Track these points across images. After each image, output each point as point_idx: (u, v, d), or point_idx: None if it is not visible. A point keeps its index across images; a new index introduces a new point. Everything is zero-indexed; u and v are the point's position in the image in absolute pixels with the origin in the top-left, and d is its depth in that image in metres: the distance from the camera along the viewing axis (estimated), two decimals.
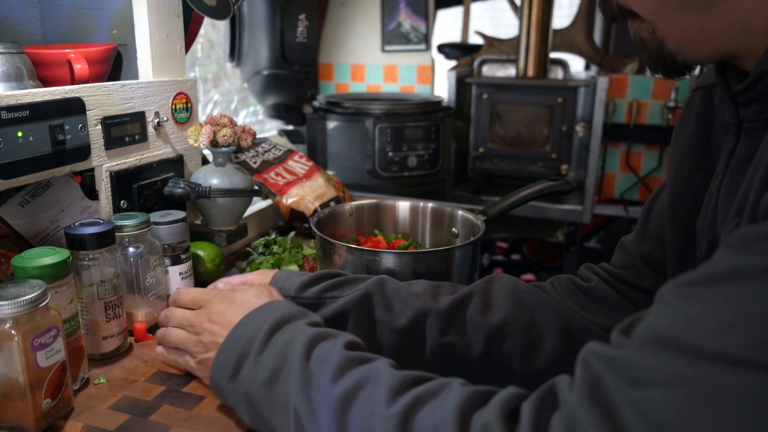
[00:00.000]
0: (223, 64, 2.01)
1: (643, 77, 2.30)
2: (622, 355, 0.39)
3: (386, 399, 0.50)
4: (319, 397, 0.54)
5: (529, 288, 0.77)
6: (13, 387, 0.60)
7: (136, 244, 0.82)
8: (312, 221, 0.97)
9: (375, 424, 0.49)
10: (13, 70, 0.80)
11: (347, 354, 0.57)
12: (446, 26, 3.17)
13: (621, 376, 0.38)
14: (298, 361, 0.57)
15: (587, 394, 0.39)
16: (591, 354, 0.41)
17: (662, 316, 0.40)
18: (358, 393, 0.52)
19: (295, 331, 0.61)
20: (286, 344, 0.59)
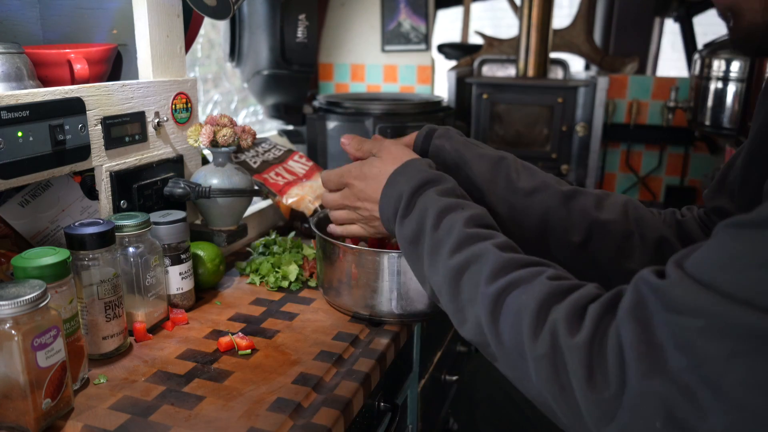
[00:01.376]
0: (223, 64, 2.00)
1: (643, 77, 2.30)
2: (665, 284, 0.45)
3: (487, 278, 0.58)
4: (439, 266, 0.65)
5: (640, 205, 0.83)
6: (13, 387, 0.60)
7: (136, 244, 0.82)
8: (312, 221, 0.97)
9: (477, 295, 0.59)
10: (13, 70, 0.80)
11: (466, 231, 0.65)
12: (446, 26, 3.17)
13: (661, 301, 0.44)
14: (430, 229, 0.67)
15: (632, 312, 0.46)
16: (641, 279, 0.47)
17: (710, 251, 0.44)
18: (469, 267, 0.61)
19: (430, 196, 0.70)
20: (423, 210, 0.70)
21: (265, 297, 1.00)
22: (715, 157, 2.24)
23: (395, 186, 0.75)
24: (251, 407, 0.69)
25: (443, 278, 0.64)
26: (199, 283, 0.99)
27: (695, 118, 1.97)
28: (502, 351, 0.56)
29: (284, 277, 1.03)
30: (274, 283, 1.03)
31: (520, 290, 0.56)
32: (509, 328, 0.55)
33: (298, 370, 0.77)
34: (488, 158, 0.84)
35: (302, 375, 0.76)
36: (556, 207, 0.80)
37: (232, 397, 0.70)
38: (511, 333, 0.54)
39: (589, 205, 0.80)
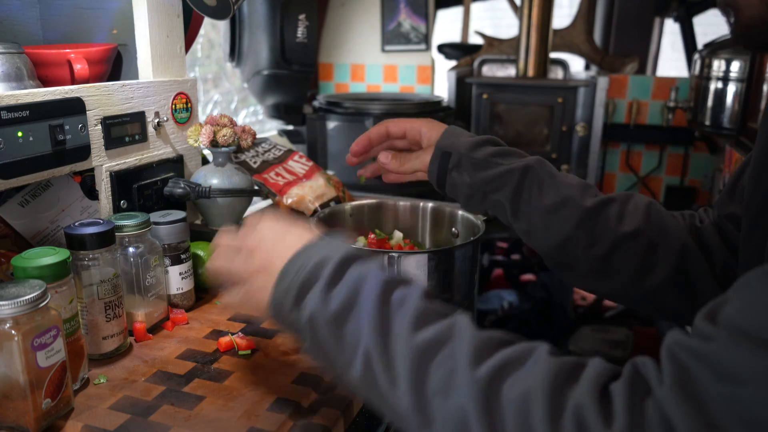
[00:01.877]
0: (223, 64, 2.00)
1: (643, 77, 2.30)
2: (711, 350, 0.38)
3: (470, 360, 0.48)
4: (398, 343, 0.51)
5: (662, 210, 0.79)
6: (13, 387, 0.60)
7: (136, 244, 0.82)
8: (312, 221, 0.97)
9: (456, 383, 0.47)
10: (13, 70, 0.80)
11: (428, 304, 0.54)
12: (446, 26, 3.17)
13: (711, 370, 0.38)
14: (373, 300, 0.53)
15: (677, 387, 0.39)
16: (677, 345, 0.40)
17: (751, 305, 0.39)
18: (440, 348, 0.50)
19: (368, 269, 0.57)
20: (360, 280, 0.56)
21: None
22: (715, 157, 2.24)
23: (318, 248, 0.60)
24: (251, 407, 0.69)
25: (403, 362, 0.50)
26: (199, 283, 0.99)
27: (695, 118, 1.97)
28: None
29: None
30: None
31: (518, 373, 0.46)
32: (513, 422, 0.44)
33: (298, 370, 0.77)
34: (511, 175, 0.78)
35: (302, 375, 0.76)
36: (577, 224, 0.76)
37: (232, 397, 0.70)
38: (517, 428, 0.44)
39: (612, 218, 0.77)
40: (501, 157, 0.79)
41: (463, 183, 0.80)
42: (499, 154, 0.79)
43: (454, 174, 0.81)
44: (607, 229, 0.76)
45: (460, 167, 0.80)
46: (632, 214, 0.77)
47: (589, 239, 0.76)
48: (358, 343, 0.53)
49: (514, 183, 0.77)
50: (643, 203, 0.79)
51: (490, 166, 0.78)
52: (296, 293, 0.57)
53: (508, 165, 0.78)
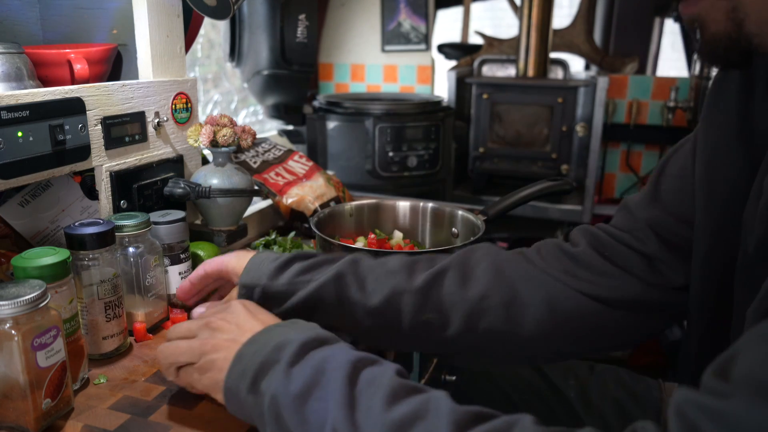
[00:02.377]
0: (223, 64, 2.01)
1: (643, 77, 2.30)
2: (727, 409, 0.35)
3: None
4: (369, 420, 0.48)
5: (511, 257, 0.73)
6: (13, 387, 0.60)
7: (136, 244, 0.82)
8: (312, 221, 0.97)
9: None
10: (13, 70, 0.80)
11: (400, 380, 0.51)
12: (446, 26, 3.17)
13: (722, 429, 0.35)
14: (340, 379, 0.51)
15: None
16: (688, 403, 0.37)
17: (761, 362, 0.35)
18: (416, 423, 0.47)
19: (334, 349, 0.55)
20: (324, 360, 0.53)
21: None
22: None
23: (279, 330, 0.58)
24: None
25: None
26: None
27: (695, 118, 1.97)
28: None
29: None
30: None
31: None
32: None
33: None
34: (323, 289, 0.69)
35: None
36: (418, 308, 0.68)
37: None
38: None
39: (452, 288, 0.70)
40: (308, 274, 0.71)
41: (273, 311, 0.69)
42: (305, 271, 0.71)
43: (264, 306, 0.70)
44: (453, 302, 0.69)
45: (266, 298, 0.71)
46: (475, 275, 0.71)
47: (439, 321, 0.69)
48: (324, 420, 0.50)
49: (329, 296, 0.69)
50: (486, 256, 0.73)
51: (299, 287, 0.70)
52: (253, 375, 0.55)
53: (318, 280, 0.69)
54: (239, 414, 0.58)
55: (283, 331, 0.58)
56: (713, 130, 0.63)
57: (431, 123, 1.83)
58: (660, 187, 0.72)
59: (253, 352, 0.56)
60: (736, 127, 0.60)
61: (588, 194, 2.09)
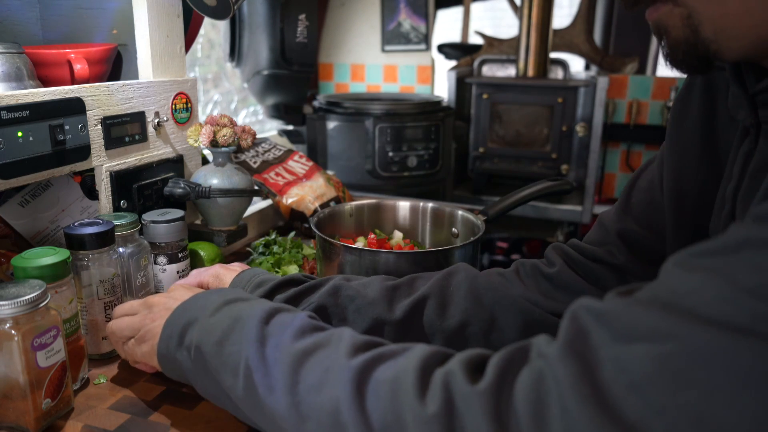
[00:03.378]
0: (223, 64, 2.00)
1: (643, 77, 2.30)
2: (613, 309, 0.37)
3: (346, 354, 0.48)
4: (277, 352, 0.52)
5: (489, 283, 0.74)
6: (13, 387, 0.60)
7: (125, 244, 0.82)
8: (312, 221, 0.97)
9: (330, 377, 0.47)
10: (13, 70, 0.80)
11: (310, 320, 0.55)
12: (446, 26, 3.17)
13: (608, 329, 0.37)
14: (255, 322, 0.55)
15: (568, 346, 0.38)
16: (581, 308, 0.39)
17: (662, 282, 0.38)
18: (317, 350, 0.50)
19: (251, 302, 0.60)
20: (242, 310, 0.58)
21: None
22: None
23: (204, 296, 0.63)
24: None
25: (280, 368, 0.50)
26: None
27: None
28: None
29: None
30: None
31: (392, 361, 0.46)
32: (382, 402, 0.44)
33: None
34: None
35: None
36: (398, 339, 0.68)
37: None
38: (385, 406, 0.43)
39: (431, 317, 0.71)
40: (291, 303, 0.72)
41: None
42: (288, 301, 0.72)
43: None
44: (433, 331, 0.71)
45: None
46: (453, 303, 0.72)
47: None
48: (239, 359, 0.53)
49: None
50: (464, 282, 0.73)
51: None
52: (179, 333, 0.60)
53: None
54: (174, 375, 0.63)
55: (208, 295, 0.63)
56: (679, 144, 0.65)
57: (431, 123, 1.83)
58: (630, 200, 0.74)
59: (179, 315, 0.62)
60: (699, 141, 0.62)
61: (588, 194, 2.09)
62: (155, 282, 0.90)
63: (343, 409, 0.45)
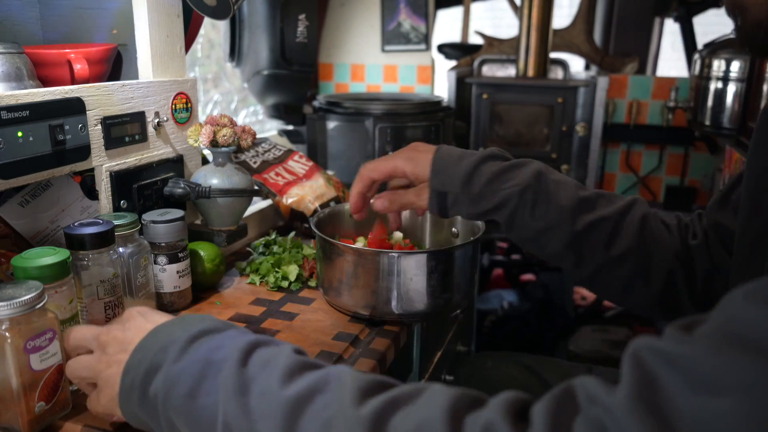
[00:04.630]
0: (223, 64, 2.00)
1: (643, 77, 2.30)
2: (688, 353, 0.32)
3: (352, 402, 0.42)
4: (263, 403, 0.44)
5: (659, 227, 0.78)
6: (5, 389, 0.60)
7: (125, 244, 0.82)
8: (312, 221, 0.97)
9: (337, 427, 0.41)
10: (13, 70, 0.80)
11: (298, 357, 0.48)
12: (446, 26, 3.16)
13: (683, 377, 0.32)
14: (230, 366, 0.47)
15: (637, 395, 0.33)
16: (645, 349, 0.34)
17: (737, 317, 0.33)
18: (315, 397, 0.43)
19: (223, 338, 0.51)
20: (212, 351, 0.49)
21: (265, 297, 1.00)
22: (715, 157, 2.24)
23: (165, 330, 0.54)
24: None
25: (270, 422, 0.43)
26: (199, 283, 0.99)
27: (695, 118, 1.97)
28: None
29: (284, 277, 1.03)
30: (274, 283, 1.03)
31: (410, 407, 0.40)
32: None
33: None
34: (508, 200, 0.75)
35: None
36: (566, 246, 0.76)
37: None
38: None
39: (600, 242, 0.75)
40: (498, 181, 0.75)
41: (463, 213, 0.79)
42: (495, 178, 0.75)
43: (454, 210, 0.79)
44: (594, 254, 0.76)
45: (458, 204, 0.77)
46: (623, 236, 0.76)
47: (576, 259, 0.77)
48: (215, 413, 0.46)
49: (510, 208, 0.76)
50: (637, 219, 0.76)
51: (487, 196, 0.76)
52: (140, 385, 0.51)
53: (505, 191, 0.75)
54: (144, 428, 0.55)
55: (169, 329, 0.54)
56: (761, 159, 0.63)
57: (431, 123, 1.83)
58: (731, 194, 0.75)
59: (138, 361, 0.52)
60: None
61: None
62: (155, 282, 0.90)
63: None
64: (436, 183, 0.76)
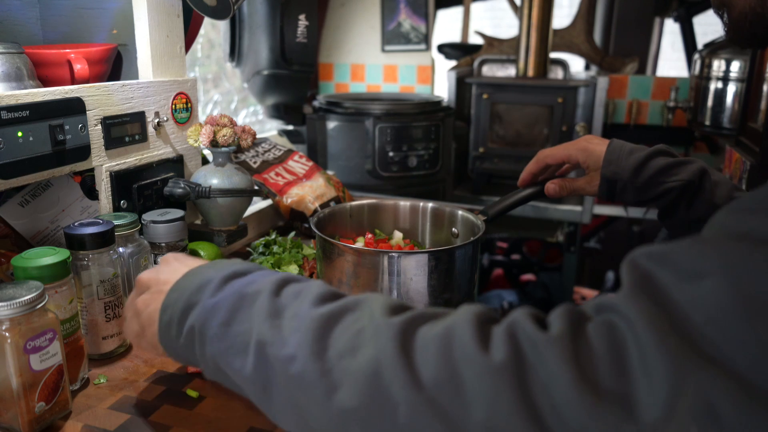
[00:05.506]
0: (223, 64, 2.00)
1: (643, 77, 2.30)
2: (675, 249, 0.37)
3: (382, 315, 0.44)
4: (295, 321, 0.46)
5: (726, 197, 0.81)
6: (5, 389, 0.60)
7: (126, 244, 0.82)
8: (312, 221, 0.97)
9: (366, 339, 0.43)
10: (13, 70, 0.80)
11: (329, 288, 0.51)
12: (446, 26, 3.16)
13: (672, 270, 0.36)
14: (264, 297, 0.49)
15: (635, 288, 0.37)
16: (639, 255, 0.38)
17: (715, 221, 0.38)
18: (345, 314, 0.45)
19: (256, 276, 0.54)
20: (246, 286, 0.52)
21: None
22: (715, 157, 2.24)
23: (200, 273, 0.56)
24: (251, 407, 0.68)
25: (301, 336, 0.45)
26: None
27: (695, 118, 1.97)
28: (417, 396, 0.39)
29: None
30: None
31: (437, 320, 0.43)
32: (432, 357, 0.40)
33: None
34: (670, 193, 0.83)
35: None
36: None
37: (232, 397, 0.70)
38: (438, 361, 0.40)
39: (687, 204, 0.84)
40: (664, 175, 0.83)
41: (628, 200, 0.86)
42: (662, 172, 0.83)
43: (620, 196, 0.86)
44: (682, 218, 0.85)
45: (625, 191, 0.85)
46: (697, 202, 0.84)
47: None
48: (249, 338, 0.48)
49: (670, 199, 0.83)
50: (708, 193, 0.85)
51: (653, 186, 0.83)
52: (178, 320, 0.54)
53: (669, 184, 0.82)
54: (184, 362, 0.58)
55: (203, 271, 0.56)
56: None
57: (431, 123, 1.83)
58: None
59: (175, 300, 0.55)
60: None
61: None
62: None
63: (385, 369, 0.40)
64: (608, 171, 0.85)
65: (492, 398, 0.37)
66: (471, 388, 0.38)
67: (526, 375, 0.37)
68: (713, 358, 0.33)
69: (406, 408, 0.39)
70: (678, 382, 0.33)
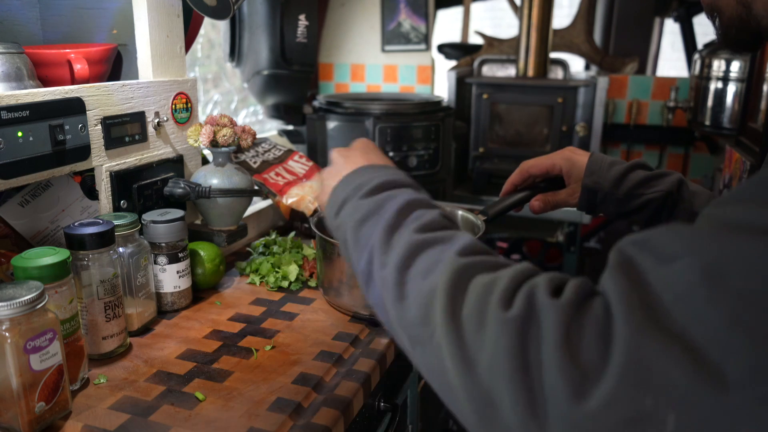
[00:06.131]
0: (223, 64, 2.00)
1: (643, 77, 2.30)
2: (654, 235, 0.41)
3: (456, 252, 0.53)
4: (400, 239, 0.57)
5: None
6: (5, 389, 0.60)
7: (126, 244, 0.82)
8: (312, 221, 0.97)
9: (438, 267, 0.52)
10: (13, 70, 0.80)
11: (441, 219, 0.59)
12: (446, 26, 3.16)
13: (651, 254, 0.40)
14: (393, 211, 0.60)
15: (615, 268, 0.42)
16: (625, 242, 0.43)
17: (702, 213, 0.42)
18: (435, 245, 0.55)
19: (401, 191, 0.64)
20: (388, 197, 0.62)
21: (265, 297, 1.00)
22: (715, 157, 2.24)
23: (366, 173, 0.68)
24: (251, 407, 0.69)
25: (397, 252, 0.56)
26: (199, 283, 0.99)
27: (695, 118, 1.97)
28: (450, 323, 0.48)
29: (284, 277, 1.03)
30: (274, 283, 1.03)
31: (492, 272, 0.51)
32: (472, 297, 0.48)
33: (298, 370, 0.77)
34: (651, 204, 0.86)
35: (302, 375, 0.76)
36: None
37: (232, 397, 0.70)
38: (474, 302, 0.48)
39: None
40: (643, 187, 0.86)
41: (609, 211, 0.89)
42: (641, 184, 0.86)
43: (601, 207, 0.89)
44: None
45: (606, 202, 0.88)
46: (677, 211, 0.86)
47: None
48: (370, 240, 0.60)
49: (652, 210, 0.86)
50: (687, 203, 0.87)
51: (633, 198, 0.86)
52: (336, 207, 0.66)
53: (649, 195, 0.86)
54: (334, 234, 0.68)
55: (370, 172, 0.68)
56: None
57: (431, 123, 1.83)
58: None
59: (342, 189, 0.67)
60: None
61: None
62: (155, 282, 0.90)
63: (438, 295, 0.49)
64: (589, 181, 0.88)
65: (496, 342, 0.43)
66: (488, 330, 0.45)
67: (528, 330, 0.43)
68: (674, 333, 0.37)
69: (441, 330, 0.48)
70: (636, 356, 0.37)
